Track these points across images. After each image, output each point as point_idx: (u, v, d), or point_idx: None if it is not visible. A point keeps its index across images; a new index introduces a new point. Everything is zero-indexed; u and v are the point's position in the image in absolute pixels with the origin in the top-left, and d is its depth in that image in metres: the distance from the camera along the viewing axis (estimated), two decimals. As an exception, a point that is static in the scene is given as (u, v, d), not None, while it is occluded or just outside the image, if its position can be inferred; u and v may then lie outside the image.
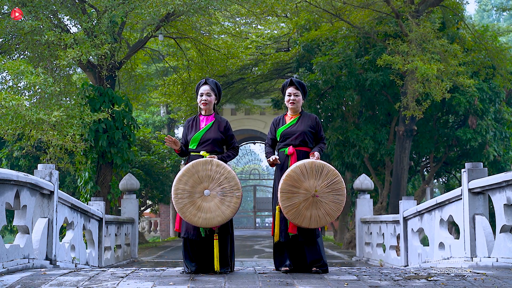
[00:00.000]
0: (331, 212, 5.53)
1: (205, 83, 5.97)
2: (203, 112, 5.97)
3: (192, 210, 5.45)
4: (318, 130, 6.00)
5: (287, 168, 5.75)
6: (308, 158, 5.79)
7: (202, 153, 5.73)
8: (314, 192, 5.50)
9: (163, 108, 27.31)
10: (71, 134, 11.41)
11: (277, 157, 5.87)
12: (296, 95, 5.98)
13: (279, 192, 5.54)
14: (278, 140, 6.01)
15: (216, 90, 5.98)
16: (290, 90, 6.01)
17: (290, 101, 5.99)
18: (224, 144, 5.96)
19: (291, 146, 5.87)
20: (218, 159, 5.67)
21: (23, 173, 6.18)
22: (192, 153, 5.84)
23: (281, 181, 5.55)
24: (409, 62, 13.18)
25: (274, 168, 6.03)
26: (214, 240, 5.61)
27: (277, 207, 5.72)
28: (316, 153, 5.75)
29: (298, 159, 5.80)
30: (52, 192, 7.09)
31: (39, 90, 11.21)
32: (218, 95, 6.02)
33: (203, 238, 5.62)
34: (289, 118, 6.04)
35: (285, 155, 5.90)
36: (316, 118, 6.04)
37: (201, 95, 5.92)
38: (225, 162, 5.77)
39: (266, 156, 6.05)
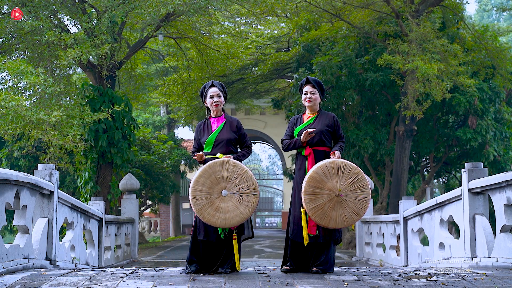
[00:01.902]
0: (357, 210, 5.49)
1: (212, 85, 5.96)
2: (213, 114, 5.96)
3: (211, 211, 5.46)
4: (336, 129, 5.94)
5: (305, 169, 5.73)
6: (327, 157, 5.75)
7: (218, 155, 5.70)
8: (338, 191, 5.45)
9: (163, 108, 27.32)
10: (71, 134, 11.41)
11: (311, 130, 5.75)
12: (313, 93, 5.95)
13: (302, 195, 5.49)
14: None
15: (223, 91, 5.99)
16: (306, 88, 5.98)
17: (307, 99, 5.96)
18: (238, 143, 5.96)
19: (307, 147, 5.83)
20: (233, 159, 5.67)
21: (23, 173, 6.18)
22: (207, 156, 5.81)
23: (304, 183, 5.50)
24: (410, 62, 13.18)
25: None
26: (233, 240, 5.63)
27: (302, 209, 5.65)
28: (337, 152, 5.70)
29: (316, 159, 5.76)
30: (52, 192, 7.09)
31: (39, 90, 11.21)
32: (225, 95, 6.03)
33: (219, 240, 5.63)
34: (307, 117, 6.01)
35: (303, 156, 5.88)
36: (334, 116, 5.99)
37: (212, 97, 5.90)
38: (240, 161, 5.77)
39: (290, 145, 5.90)
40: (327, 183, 5.47)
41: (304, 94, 6.00)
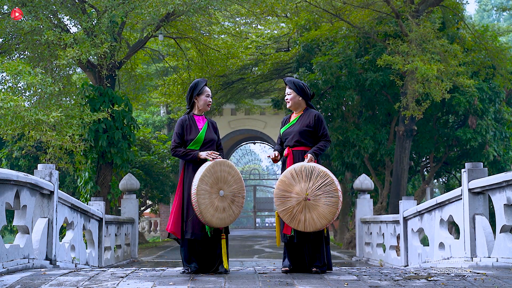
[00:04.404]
0: (325, 215, 5.45)
1: (206, 84, 5.95)
2: (198, 112, 5.90)
3: (211, 211, 5.49)
4: (317, 128, 5.88)
5: (284, 169, 5.79)
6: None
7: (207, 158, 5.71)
8: (305, 195, 5.47)
9: (163, 108, 27.30)
10: (70, 134, 11.40)
11: (275, 154, 5.91)
12: (289, 94, 6.01)
13: (274, 197, 5.60)
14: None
15: None
16: (286, 90, 6.08)
17: (286, 101, 6.06)
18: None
19: (287, 147, 5.89)
20: None
21: (23, 173, 6.17)
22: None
23: (275, 186, 5.61)
24: (409, 62, 13.18)
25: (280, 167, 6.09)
26: (222, 240, 5.66)
27: (275, 212, 5.75)
28: (309, 155, 5.69)
29: (294, 159, 5.81)
30: (52, 192, 7.09)
31: (39, 90, 11.21)
32: None
33: (207, 238, 5.63)
34: (293, 117, 6.06)
35: (284, 157, 5.94)
36: (316, 115, 5.92)
37: (208, 96, 5.88)
38: None
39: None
40: (295, 186, 5.50)
41: (285, 96, 6.09)
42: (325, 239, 5.79)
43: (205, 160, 5.61)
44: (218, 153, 5.72)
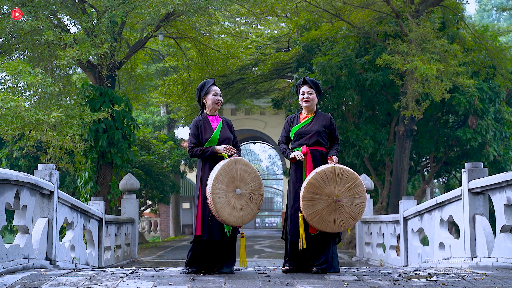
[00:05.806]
0: (353, 215, 5.58)
1: (214, 83, 5.95)
2: (210, 112, 5.91)
3: (228, 209, 5.48)
4: (332, 130, 5.96)
5: (302, 168, 5.77)
6: (323, 157, 5.82)
7: (222, 153, 5.70)
8: (335, 197, 5.52)
9: (163, 108, 27.33)
10: (70, 134, 11.40)
11: (300, 154, 5.78)
12: (310, 93, 5.97)
13: (301, 201, 5.54)
14: (292, 139, 6.00)
15: None
16: (303, 89, 6.00)
17: (304, 100, 5.98)
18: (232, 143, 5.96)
19: (304, 146, 5.85)
20: None
21: (23, 173, 6.17)
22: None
23: (302, 189, 5.55)
24: (409, 62, 13.18)
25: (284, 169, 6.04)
26: (241, 238, 5.68)
27: (300, 214, 5.68)
28: (334, 157, 5.74)
29: (313, 159, 5.79)
30: (52, 192, 7.09)
31: (39, 90, 11.21)
32: None
33: (224, 239, 5.62)
34: (304, 117, 6.02)
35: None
36: (330, 118, 6.00)
37: (215, 95, 5.87)
38: None
39: (284, 153, 5.99)
40: (326, 188, 5.52)
41: (301, 94, 6.02)
42: (334, 240, 5.80)
43: (223, 157, 5.62)
44: (235, 150, 5.72)
